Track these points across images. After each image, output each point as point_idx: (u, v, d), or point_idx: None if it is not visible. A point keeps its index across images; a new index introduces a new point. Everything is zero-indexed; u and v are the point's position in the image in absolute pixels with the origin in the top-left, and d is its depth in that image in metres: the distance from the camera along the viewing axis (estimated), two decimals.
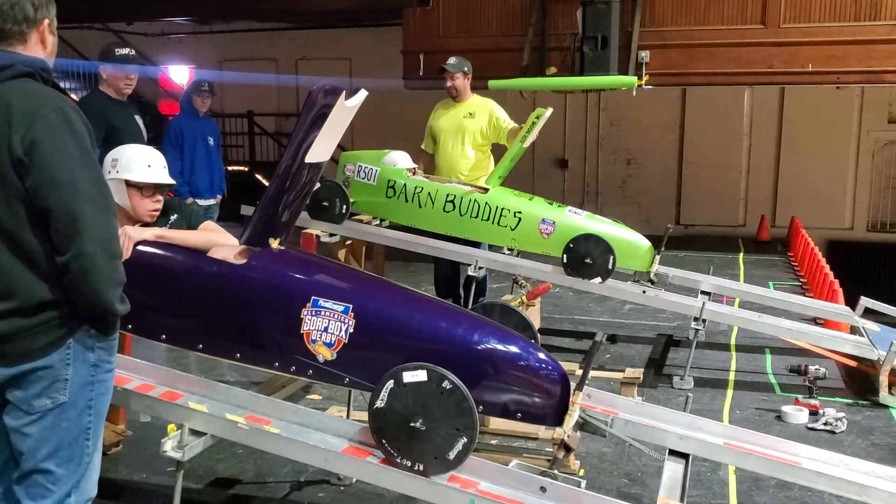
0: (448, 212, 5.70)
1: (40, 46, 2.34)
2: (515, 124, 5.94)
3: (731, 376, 5.67)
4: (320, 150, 3.12)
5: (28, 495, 2.34)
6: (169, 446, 2.87)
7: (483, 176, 6.02)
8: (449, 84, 6.05)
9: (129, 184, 3.21)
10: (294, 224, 3.40)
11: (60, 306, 2.27)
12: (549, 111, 5.57)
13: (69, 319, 2.29)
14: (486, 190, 5.70)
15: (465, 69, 6.05)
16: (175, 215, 3.41)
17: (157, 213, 3.32)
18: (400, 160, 5.94)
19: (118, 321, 2.41)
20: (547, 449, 3.96)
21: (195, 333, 3.17)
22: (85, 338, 2.33)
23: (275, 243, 3.19)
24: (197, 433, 2.95)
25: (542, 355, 2.93)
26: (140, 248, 3.13)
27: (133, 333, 3.32)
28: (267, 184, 3.21)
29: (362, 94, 3.14)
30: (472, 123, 6.01)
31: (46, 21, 2.33)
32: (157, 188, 3.28)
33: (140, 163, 3.26)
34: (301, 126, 3.02)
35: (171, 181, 3.35)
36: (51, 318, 2.27)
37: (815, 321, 6.54)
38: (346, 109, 3.07)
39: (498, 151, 6.10)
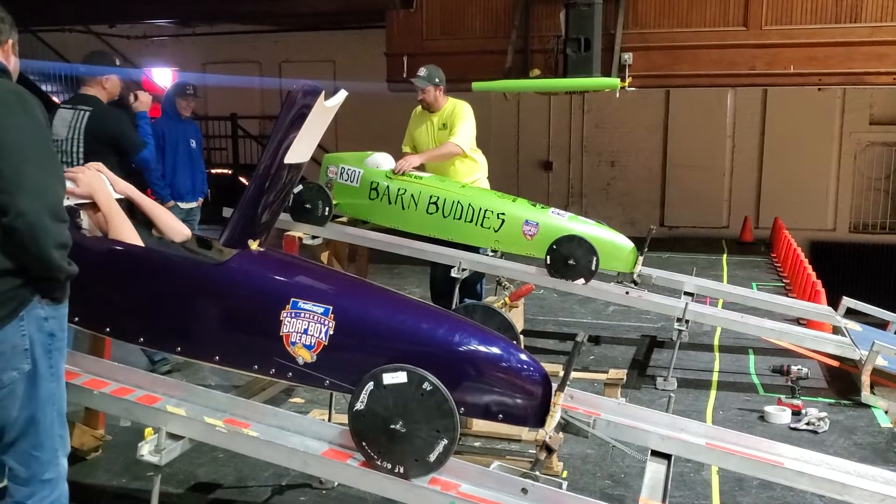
0: (431, 213, 5.67)
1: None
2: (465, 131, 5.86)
3: (715, 377, 5.68)
4: (300, 150, 3.09)
5: (19, 463, 2.47)
6: (146, 450, 2.84)
7: (473, 180, 5.99)
8: (420, 97, 5.99)
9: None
10: (274, 225, 3.37)
11: (10, 277, 2.34)
12: None
13: (20, 290, 2.37)
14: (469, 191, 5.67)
15: (437, 80, 5.87)
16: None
17: None
18: (383, 162, 5.90)
19: (67, 287, 2.50)
20: (530, 451, 3.94)
21: (173, 336, 3.13)
22: (37, 309, 2.42)
23: (254, 244, 3.17)
24: (174, 437, 2.92)
25: (523, 356, 2.91)
26: (116, 248, 3.11)
27: (111, 336, 3.29)
28: None
29: (342, 95, 3.13)
30: (448, 136, 5.88)
31: (10, 42, 2.52)
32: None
33: None
34: (280, 126, 3.00)
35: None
36: (2, 291, 2.33)
37: (797, 321, 6.57)
38: (325, 110, 3.05)
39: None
